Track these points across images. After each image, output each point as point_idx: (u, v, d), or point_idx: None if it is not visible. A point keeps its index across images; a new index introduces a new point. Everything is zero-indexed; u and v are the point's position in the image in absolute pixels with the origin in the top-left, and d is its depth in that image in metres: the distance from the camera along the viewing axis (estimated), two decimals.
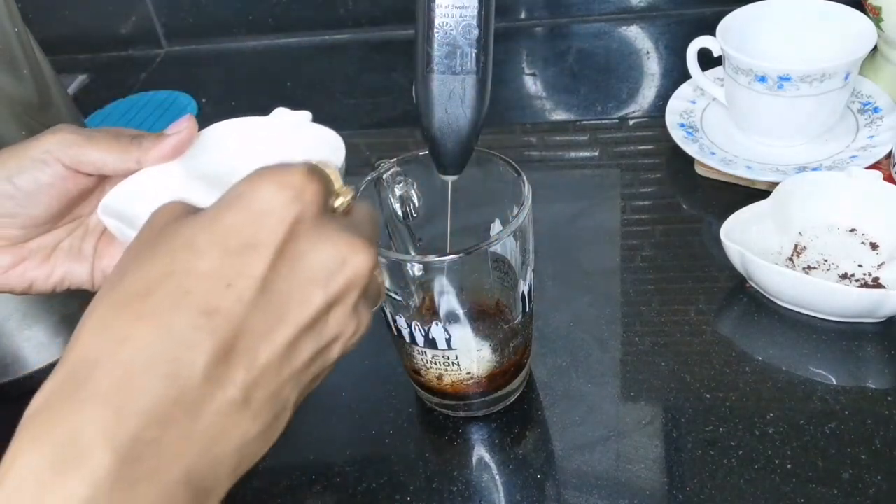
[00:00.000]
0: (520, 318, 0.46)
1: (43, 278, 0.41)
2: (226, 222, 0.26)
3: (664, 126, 0.67)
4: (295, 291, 0.26)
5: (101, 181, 0.40)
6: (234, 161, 0.36)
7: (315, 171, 0.27)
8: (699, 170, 0.65)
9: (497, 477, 0.47)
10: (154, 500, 0.23)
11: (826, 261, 0.55)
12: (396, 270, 0.43)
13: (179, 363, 0.24)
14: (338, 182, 0.29)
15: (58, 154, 0.37)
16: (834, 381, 0.49)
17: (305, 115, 0.39)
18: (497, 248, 0.42)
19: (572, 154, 0.72)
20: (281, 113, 0.39)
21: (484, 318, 0.45)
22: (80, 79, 0.98)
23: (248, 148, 0.32)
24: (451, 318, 0.44)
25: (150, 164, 0.37)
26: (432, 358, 0.45)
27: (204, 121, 0.40)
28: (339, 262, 0.27)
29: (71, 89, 0.96)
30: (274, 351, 0.26)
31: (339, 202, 0.29)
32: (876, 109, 0.66)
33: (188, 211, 0.28)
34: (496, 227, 0.47)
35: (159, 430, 0.23)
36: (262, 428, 0.26)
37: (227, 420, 0.25)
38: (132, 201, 0.37)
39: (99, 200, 0.39)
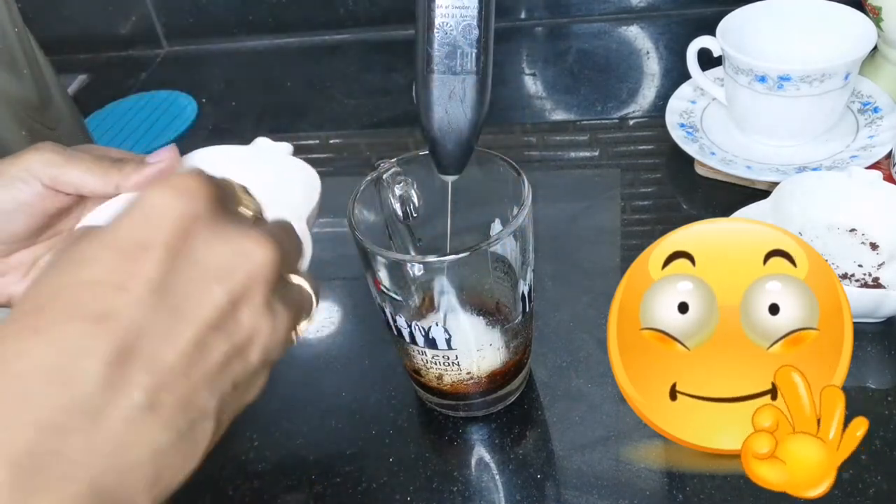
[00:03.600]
0: (520, 318, 0.46)
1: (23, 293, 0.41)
2: (119, 228, 0.26)
3: (664, 126, 0.67)
4: (193, 289, 0.26)
5: (82, 199, 0.39)
6: None
7: (211, 178, 0.27)
8: (699, 170, 0.65)
9: (497, 477, 0.47)
10: None
11: (826, 261, 0.55)
12: (396, 270, 0.43)
13: (73, 371, 0.24)
14: (245, 196, 0.29)
15: (38, 173, 0.37)
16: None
17: (286, 148, 0.40)
18: (497, 248, 0.41)
19: (572, 154, 0.72)
20: (262, 142, 0.40)
21: (484, 318, 0.45)
22: (80, 79, 0.98)
23: (228, 175, 0.32)
24: (452, 318, 0.44)
25: (129, 190, 0.37)
26: (432, 358, 0.45)
27: (204, 121, 0.40)
28: (236, 257, 0.26)
29: (71, 89, 0.96)
30: (178, 351, 0.25)
31: (244, 211, 0.29)
32: (876, 109, 0.66)
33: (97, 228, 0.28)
34: (496, 227, 0.47)
35: (57, 439, 0.23)
36: (175, 436, 0.25)
37: (132, 427, 0.24)
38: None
39: (79, 215, 0.39)
